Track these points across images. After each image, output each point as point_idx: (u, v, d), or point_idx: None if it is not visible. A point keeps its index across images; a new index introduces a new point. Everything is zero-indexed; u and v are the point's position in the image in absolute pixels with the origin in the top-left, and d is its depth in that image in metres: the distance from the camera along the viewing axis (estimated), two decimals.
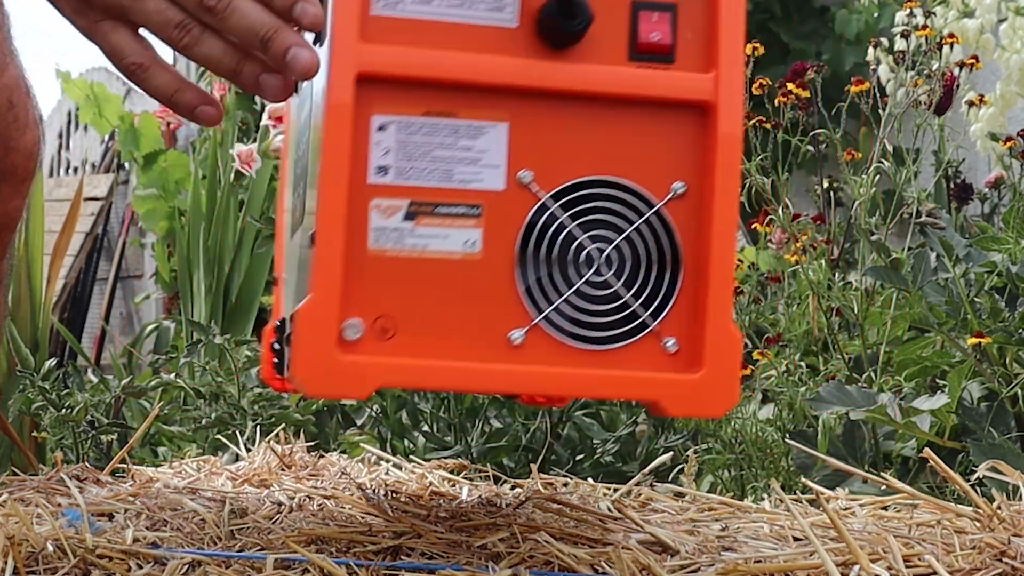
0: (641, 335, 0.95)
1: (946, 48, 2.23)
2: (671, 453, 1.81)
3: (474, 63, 0.93)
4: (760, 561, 1.04)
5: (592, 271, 0.95)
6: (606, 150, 0.95)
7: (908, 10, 2.32)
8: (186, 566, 1.01)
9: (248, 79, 0.97)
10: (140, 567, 1.01)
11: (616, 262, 0.95)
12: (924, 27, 2.27)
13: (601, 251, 0.95)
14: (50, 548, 1.01)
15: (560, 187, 0.94)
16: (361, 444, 2.10)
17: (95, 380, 2.61)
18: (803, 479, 1.39)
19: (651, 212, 0.94)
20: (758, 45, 2.19)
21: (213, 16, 0.95)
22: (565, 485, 1.46)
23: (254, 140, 3.18)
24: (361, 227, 0.93)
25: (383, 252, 0.93)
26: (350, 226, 0.92)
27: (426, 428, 2.13)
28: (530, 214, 0.94)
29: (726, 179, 0.93)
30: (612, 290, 0.95)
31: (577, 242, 0.94)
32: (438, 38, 0.93)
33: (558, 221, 0.94)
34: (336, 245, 0.91)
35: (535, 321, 0.94)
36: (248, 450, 1.64)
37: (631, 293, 0.95)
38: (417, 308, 0.93)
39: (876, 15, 4.82)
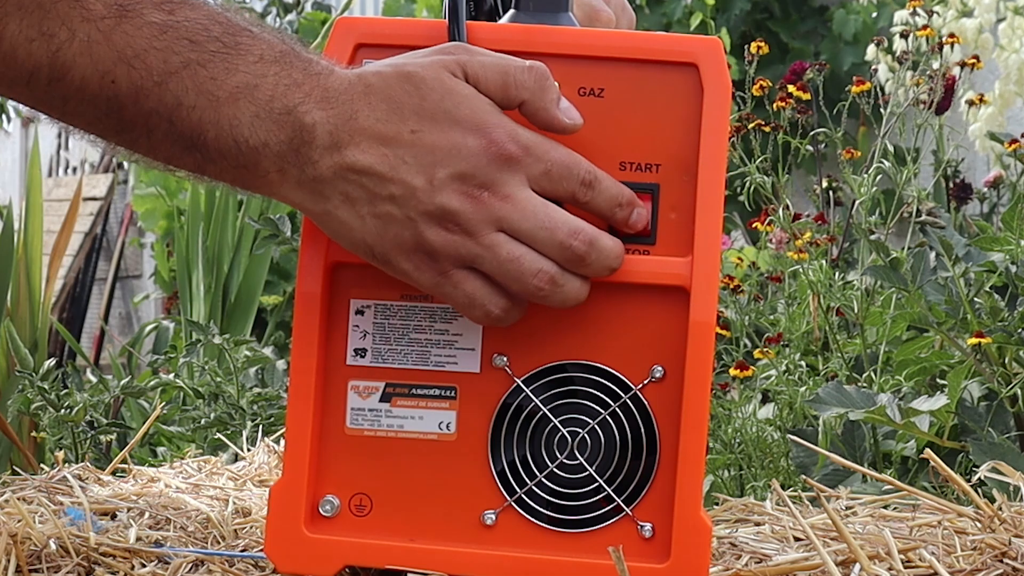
0: (615, 519, 0.93)
1: (947, 48, 2.23)
2: None
3: None
4: (760, 561, 1.04)
5: (565, 454, 0.94)
6: (582, 333, 0.93)
7: (912, 8, 2.32)
8: (190, 565, 1.02)
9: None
10: (143, 565, 1.02)
11: (591, 445, 0.94)
12: (925, 27, 2.27)
13: (575, 434, 0.94)
14: (52, 546, 1.01)
15: (535, 370, 0.94)
16: None
17: (94, 380, 2.61)
18: (804, 477, 1.38)
19: (627, 396, 0.93)
20: (762, 44, 2.19)
21: (582, 264, 0.89)
22: None
23: None
24: (339, 407, 0.94)
25: (360, 432, 0.94)
26: (326, 406, 0.94)
27: None
28: (504, 396, 0.94)
29: (697, 366, 0.91)
30: (586, 473, 0.93)
31: (551, 425, 0.94)
32: None
33: (532, 404, 0.94)
34: (306, 427, 0.93)
35: (507, 503, 0.93)
36: (248, 450, 1.64)
37: (606, 476, 0.93)
38: (392, 487, 0.94)
39: (874, 15, 4.82)
